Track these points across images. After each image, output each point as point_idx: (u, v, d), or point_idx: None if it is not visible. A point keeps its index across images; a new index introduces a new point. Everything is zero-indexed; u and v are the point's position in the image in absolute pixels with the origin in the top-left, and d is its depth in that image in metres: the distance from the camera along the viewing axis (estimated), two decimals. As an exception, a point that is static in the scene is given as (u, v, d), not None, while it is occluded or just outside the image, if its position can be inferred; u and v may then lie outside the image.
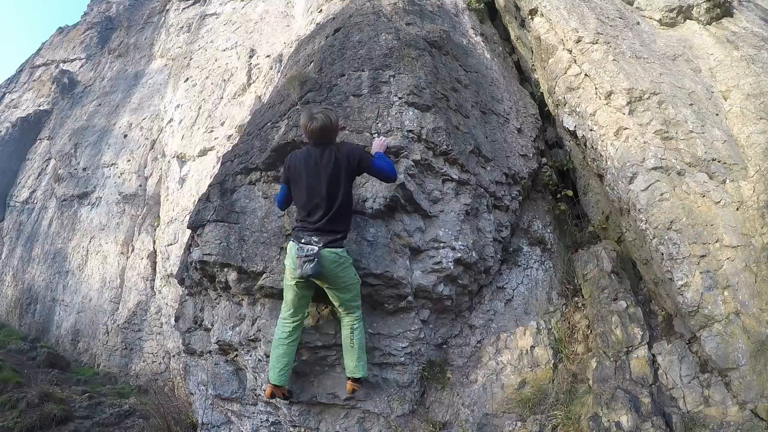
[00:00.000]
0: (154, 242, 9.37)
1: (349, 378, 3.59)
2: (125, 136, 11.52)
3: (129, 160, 10.94)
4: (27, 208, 11.92)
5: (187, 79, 10.71)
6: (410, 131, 3.98)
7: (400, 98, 4.09)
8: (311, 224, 3.35)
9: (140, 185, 10.46)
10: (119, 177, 10.90)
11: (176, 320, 4.87)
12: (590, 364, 3.73)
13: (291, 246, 3.36)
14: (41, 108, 13.05)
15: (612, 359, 3.67)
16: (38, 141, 12.90)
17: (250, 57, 9.37)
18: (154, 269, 9.10)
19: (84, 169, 11.67)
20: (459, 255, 3.93)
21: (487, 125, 4.89)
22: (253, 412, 4.11)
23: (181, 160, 9.35)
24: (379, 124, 4.06)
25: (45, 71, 13.79)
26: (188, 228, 4.46)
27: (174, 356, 7.86)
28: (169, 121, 10.39)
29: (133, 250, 9.71)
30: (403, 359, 3.91)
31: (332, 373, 3.93)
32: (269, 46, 9.11)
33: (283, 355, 3.47)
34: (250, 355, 4.03)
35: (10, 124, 12.99)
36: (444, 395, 3.95)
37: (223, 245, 4.06)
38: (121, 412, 6.45)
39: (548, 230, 5.06)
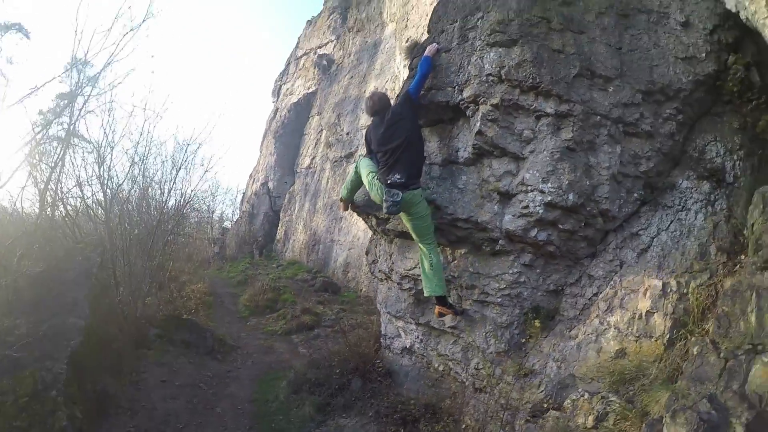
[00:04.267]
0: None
1: (435, 302, 4.31)
2: (374, 99, 13.53)
3: (380, 120, 12.86)
4: (309, 172, 15.78)
5: (408, 39, 11.77)
6: (489, 75, 3.92)
7: (482, 40, 4.03)
8: (392, 173, 4.08)
9: (391, 140, 12.21)
10: (374, 135, 13.00)
11: (366, 254, 6.17)
12: (691, 351, 2.92)
13: (380, 186, 4.16)
14: (309, 91, 16.81)
15: (722, 356, 2.70)
16: (310, 118, 16.74)
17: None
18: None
19: (347, 134, 14.43)
20: (549, 198, 3.76)
21: (627, 31, 4.09)
22: (412, 329, 5.11)
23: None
24: (461, 76, 4.14)
25: (306, 59, 17.50)
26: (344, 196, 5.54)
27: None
28: (402, 81, 11.73)
29: (392, 197, 11.59)
30: (499, 300, 4.15)
31: None
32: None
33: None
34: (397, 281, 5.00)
35: (287, 110, 17.32)
36: (544, 344, 3.95)
37: (365, 198, 5.00)
38: (352, 323, 8.18)
39: (733, 157, 3.95)
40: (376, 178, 4.26)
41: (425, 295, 4.36)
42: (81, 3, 7.19)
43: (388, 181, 4.07)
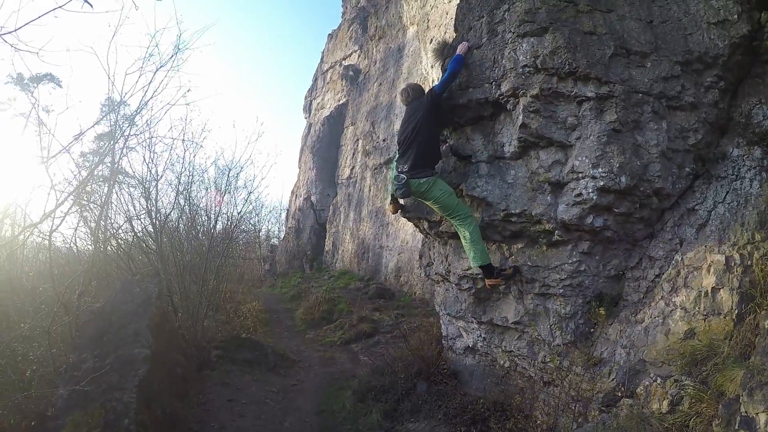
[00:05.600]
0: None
1: (480, 272, 4.49)
2: (406, 103, 13.68)
3: (413, 123, 12.99)
4: (351, 182, 16.07)
5: (432, 39, 11.86)
6: (525, 66, 3.95)
7: (512, 32, 4.06)
8: (403, 161, 4.49)
9: (428, 142, 12.32)
10: (409, 139, 13.15)
11: (420, 257, 6.29)
12: (763, 325, 2.87)
13: (392, 174, 4.69)
14: (339, 103, 17.17)
15: None
16: (345, 129, 17.08)
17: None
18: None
19: (383, 140, 14.62)
20: (602, 183, 3.75)
21: (655, 3, 4.09)
22: (473, 329, 5.19)
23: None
24: (496, 71, 4.19)
25: (333, 72, 17.88)
26: (391, 194, 5.69)
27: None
28: (431, 82, 11.78)
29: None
30: (561, 291, 4.15)
31: (505, 300, 4.71)
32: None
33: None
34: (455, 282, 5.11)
35: (320, 124, 17.76)
36: (610, 331, 3.91)
37: (414, 204, 5.15)
38: (412, 327, 8.26)
39: (785, 117, 3.86)
40: (395, 166, 4.63)
41: (471, 266, 4.50)
42: (110, 49, 7.72)
43: (399, 170, 4.51)
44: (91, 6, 2.18)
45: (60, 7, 2.23)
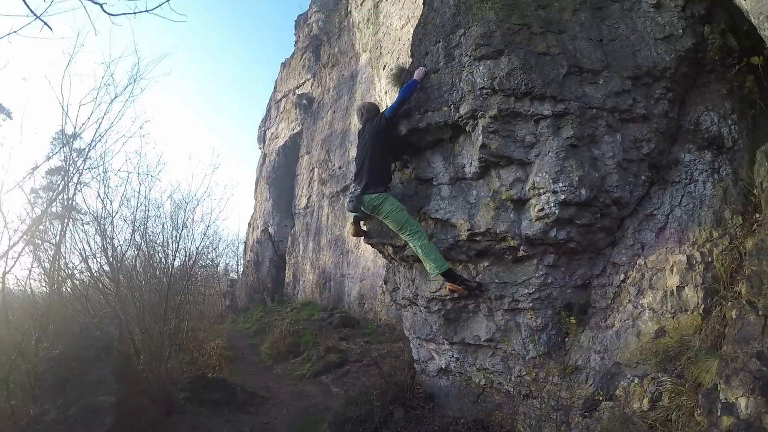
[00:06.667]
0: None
1: (444, 282, 4.56)
2: (360, 131, 13.80)
3: (368, 150, 13.10)
4: (308, 211, 15.95)
5: (385, 66, 12.12)
6: (482, 88, 4.09)
7: (469, 56, 4.21)
8: (358, 181, 4.75)
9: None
10: (363, 165, 13.22)
11: (385, 282, 6.24)
12: (730, 316, 3.03)
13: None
14: (294, 132, 17.18)
15: (761, 313, 2.81)
16: (300, 158, 17.05)
17: (425, 28, 9.95)
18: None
19: (339, 168, 14.65)
20: (563, 197, 3.88)
21: (603, 23, 4.33)
22: (445, 350, 5.16)
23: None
24: (454, 94, 4.31)
25: (286, 101, 17.94)
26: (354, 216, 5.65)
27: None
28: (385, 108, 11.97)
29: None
30: (531, 304, 4.22)
31: (476, 318, 4.74)
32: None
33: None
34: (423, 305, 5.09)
35: (275, 154, 17.68)
36: (582, 339, 4.02)
37: (378, 229, 5.16)
38: (381, 354, 8.19)
39: (727, 122, 4.16)
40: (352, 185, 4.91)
41: (431, 277, 4.60)
42: (64, 78, 7.41)
43: (353, 188, 4.79)
44: (51, 29, 2.10)
45: (15, 32, 2.13)
